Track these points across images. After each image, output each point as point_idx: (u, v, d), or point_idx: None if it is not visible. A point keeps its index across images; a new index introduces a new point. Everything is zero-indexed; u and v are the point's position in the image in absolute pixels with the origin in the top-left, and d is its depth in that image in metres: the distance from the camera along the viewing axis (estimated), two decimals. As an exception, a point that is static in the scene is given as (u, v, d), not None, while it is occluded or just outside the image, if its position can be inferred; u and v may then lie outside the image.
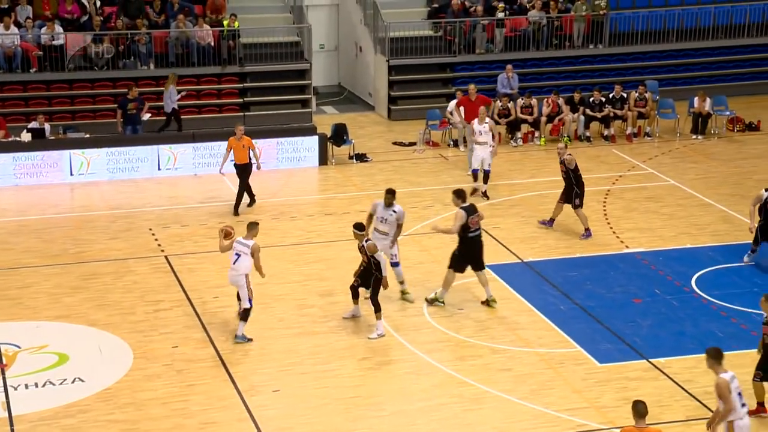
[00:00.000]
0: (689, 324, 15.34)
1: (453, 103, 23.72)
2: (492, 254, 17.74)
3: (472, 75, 25.82)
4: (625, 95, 24.22)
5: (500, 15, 26.03)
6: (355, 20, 27.21)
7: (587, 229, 18.34)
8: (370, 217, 15.82)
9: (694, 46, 26.96)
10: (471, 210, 15.55)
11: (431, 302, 15.88)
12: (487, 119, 20.31)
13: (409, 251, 17.90)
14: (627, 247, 18.12)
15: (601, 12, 26.18)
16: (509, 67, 24.89)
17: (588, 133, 24.12)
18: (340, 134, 22.95)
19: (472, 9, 26.16)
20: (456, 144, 23.63)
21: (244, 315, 14.64)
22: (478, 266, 15.67)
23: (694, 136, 24.19)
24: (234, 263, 14.47)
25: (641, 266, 17.33)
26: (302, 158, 22.09)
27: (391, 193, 15.83)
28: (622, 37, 26.72)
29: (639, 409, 10.71)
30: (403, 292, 16.06)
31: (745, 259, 17.11)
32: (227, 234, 14.69)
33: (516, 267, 17.36)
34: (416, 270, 17.16)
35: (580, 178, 18.30)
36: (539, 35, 26.18)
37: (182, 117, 23.40)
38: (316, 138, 22.33)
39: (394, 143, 23.99)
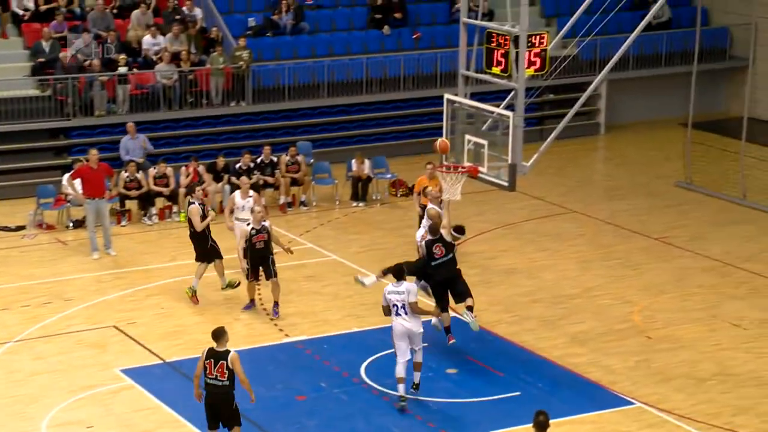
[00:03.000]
0: (360, 420, 15.71)
1: (68, 176, 23.16)
2: (127, 357, 17.38)
3: (92, 141, 25.43)
4: (275, 159, 24.78)
5: (122, 69, 25.86)
6: (-59, 78, 25.98)
7: (252, 300, 19.09)
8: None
9: (347, 102, 28.15)
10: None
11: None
12: (251, 192, 20.72)
13: (18, 361, 17.15)
14: (287, 335, 18.36)
15: (242, 63, 26.69)
16: (131, 125, 24.75)
17: (235, 206, 24.35)
18: (-74, 220, 21.68)
19: (86, 63, 25.80)
20: (77, 224, 22.99)
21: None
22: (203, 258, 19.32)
23: (355, 203, 25.15)
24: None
25: (304, 357, 17.59)
26: None
27: None
28: (267, 93, 27.41)
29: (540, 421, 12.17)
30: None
31: None
32: None
33: (157, 369, 17.10)
34: (24, 386, 16.43)
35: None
36: (171, 93, 26.26)
37: None
38: None
39: (-2, 228, 23.06)
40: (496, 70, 18.14)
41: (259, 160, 24.59)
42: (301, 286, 20.35)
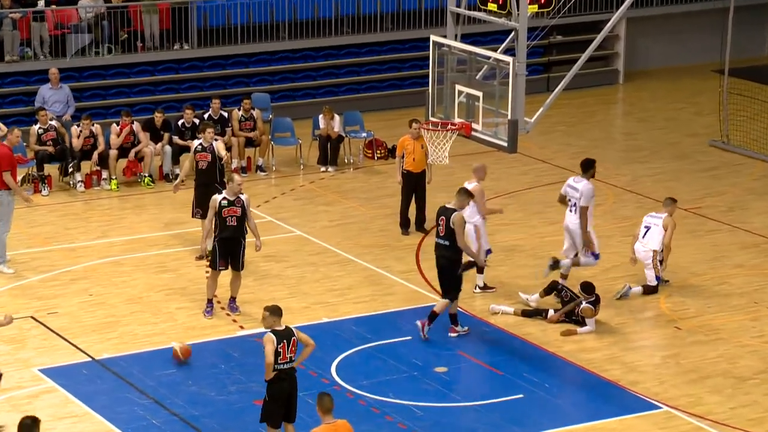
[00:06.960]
0: (333, 428, 15.76)
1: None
2: (49, 354, 17.39)
3: (2, 92, 25.53)
4: (225, 114, 24.72)
5: (41, 3, 25.77)
6: None
7: (233, 298, 18.87)
8: None
9: (314, 45, 28.12)
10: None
11: None
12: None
13: None
14: (242, 327, 18.37)
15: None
16: (54, 71, 24.81)
17: (178, 170, 24.30)
18: None
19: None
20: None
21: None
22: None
23: (323, 168, 25.13)
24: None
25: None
26: None
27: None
28: (216, 35, 27.32)
29: (324, 403, 13.27)
30: None
31: None
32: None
33: (86, 369, 17.10)
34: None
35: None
36: (98, 33, 26.12)
37: None
38: None
39: None
40: (492, 6, 18.16)
41: (206, 116, 24.50)
42: (258, 268, 20.33)
